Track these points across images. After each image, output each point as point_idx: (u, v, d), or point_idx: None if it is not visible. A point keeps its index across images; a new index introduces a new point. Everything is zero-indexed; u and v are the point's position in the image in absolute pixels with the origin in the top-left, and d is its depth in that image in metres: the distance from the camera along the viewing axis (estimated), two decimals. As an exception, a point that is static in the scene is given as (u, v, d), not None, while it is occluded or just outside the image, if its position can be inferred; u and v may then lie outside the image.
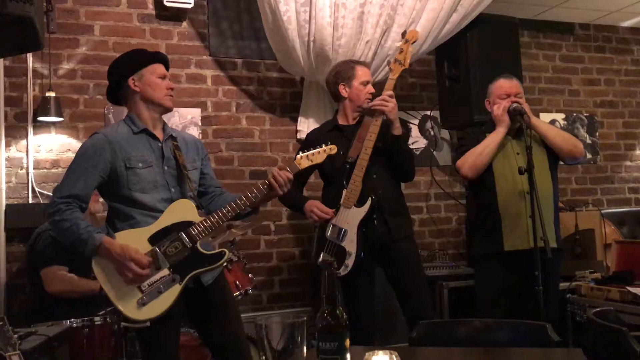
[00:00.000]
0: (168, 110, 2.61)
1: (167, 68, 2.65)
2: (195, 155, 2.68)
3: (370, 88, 3.24)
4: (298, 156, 2.67)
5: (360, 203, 3.06)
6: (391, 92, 3.07)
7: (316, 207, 3.13)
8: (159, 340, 2.43)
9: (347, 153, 3.11)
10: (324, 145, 2.70)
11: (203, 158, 2.73)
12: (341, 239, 3.07)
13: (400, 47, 3.16)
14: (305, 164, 2.65)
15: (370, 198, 3.05)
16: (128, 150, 2.45)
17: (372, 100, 3.16)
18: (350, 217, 3.07)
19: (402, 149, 3.15)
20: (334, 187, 3.17)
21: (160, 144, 2.54)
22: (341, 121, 3.30)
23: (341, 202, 3.09)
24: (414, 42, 3.19)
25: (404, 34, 3.22)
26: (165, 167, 2.52)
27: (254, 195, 2.52)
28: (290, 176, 2.55)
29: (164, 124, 2.63)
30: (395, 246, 3.13)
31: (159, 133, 2.57)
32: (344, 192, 3.08)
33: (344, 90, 3.25)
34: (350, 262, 3.02)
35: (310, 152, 2.67)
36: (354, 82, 3.23)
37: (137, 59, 2.58)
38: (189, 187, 2.54)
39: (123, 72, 2.57)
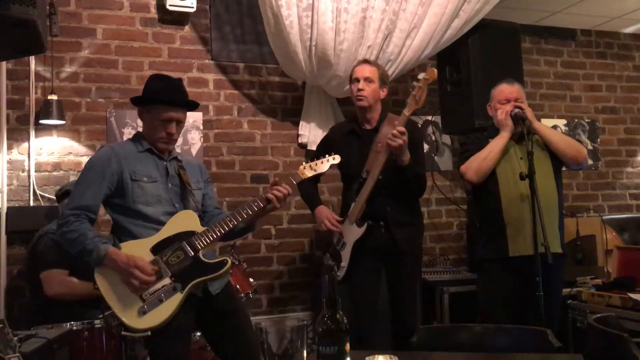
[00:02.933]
0: (162, 150, 2.61)
1: (192, 109, 2.66)
2: (199, 176, 2.73)
3: (361, 84, 3.24)
4: (301, 166, 2.73)
5: (361, 222, 3.17)
6: (402, 129, 3.01)
7: (327, 219, 3.26)
8: (167, 350, 2.42)
9: (364, 160, 3.18)
10: (327, 156, 2.77)
11: (205, 180, 2.77)
12: (341, 249, 3.24)
13: (419, 85, 3.09)
14: (308, 173, 2.71)
15: (367, 223, 3.15)
16: (134, 164, 2.49)
17: (363, 99, 3.24)
18: (351, 233, 3.21)
19: (407, 178, 3.16)
20: (349, 195, 3.27)
21: (165, 163, 2.58)
22: (361, 124, 3.35)
23: (348, 214, 3.22)
24: (433, 81, 3.17)
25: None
26: (169, 185, 2.55)
27: (256, 204, 2.56)
28: (290, 190, 2.60)
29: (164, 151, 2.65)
30: (401, 258, 3.24)
31: (164, 153, 2.61)
32: (352, 205, 3.19)
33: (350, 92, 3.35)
34: (341, 273, 3.20)
35: (313, 162, 2.74)
36: (351, 83, 3.32)
37: (155, 95, 2.55)
38: (192, 203, 2.57)
39: (142, 97, 2.60)
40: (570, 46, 5.76)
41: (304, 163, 2.76)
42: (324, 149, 3.26)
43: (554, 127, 5.47)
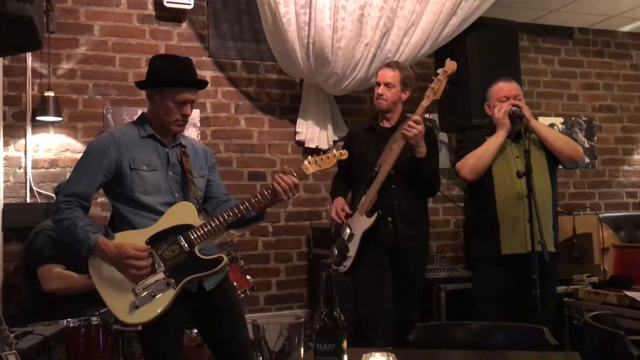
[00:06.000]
0: (176, 133, 2.57)
1: (202, 87, 2.58)
2: (203, 163, 2.65)
3: (381, 89, 3.32)
4: (306, 161, 2.60)
5: (371, 213, 3.20)
6: (418, 118, 3.11)
7: (335, 208, 3.32)
8: (157, 346, 2.40)
9: (379, 156, 3.23)
10: (334, 150, 2.68)
11: (211, 167, 2.70)
12: (348, 240, 3.25)
13: (439, 77, 3.19)
14: (313, 169, 2.59)
15: (377, 212, 3.19)
16: (134, 152, 2.43)
17: (382, 103, 3.32)
18: (360, 224, 3.23)
19: (422, 171, 3.21)
20: (359, 189, 3.30)
21: (167, 150, 2.52)
22: (379, 122, 3.42)
23: (358, 206, 3.25)
24: (451, 73, 3.23)
25: (441, 59, 3.29)
26: (170, 173, 2.50)
27: (256, 200, 2.48)
28: (296, 181, 2.50)
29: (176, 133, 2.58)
30: (403, 254, 3.27)
31: (167, 140, 2.54)
32: (363, 198, 3.22)
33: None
34: (347, 263, 3.24)
35: (319, 156, 2.62)
36: (376, 85, 3.40)
37: (168, 76, 2.47)
38: (192, 193, 2.51)
39: (150, 78, 2.52)
40: (567, 44, 5.77)
41: (309, 157, 2.62)
42: (345, 144, 3.46)
43: (551, 125, 5.48)
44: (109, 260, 2.32)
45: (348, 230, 3.26)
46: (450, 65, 3.21)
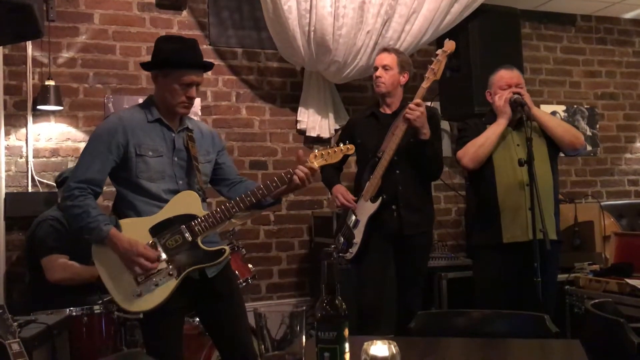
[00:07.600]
0: (182, 115, 2.55)
1: (207, 69, 2.57)
2: (210, 147, 2.63)
3: (379, 72, 3.32)
4: (312, 155, 2.59)
5: (376, 198, 3.20)
6: (419, 101, 3.12)
7: (341, 194, 3.31)
8: (158, 332, 2.42)
9: (381, 143, 3.22)
10: (341, 145, 2.67)
11: (220, 150, 2.69)
12: (354, 227, 3.26)
13: (438, 58, 3.17)
14: (319, 163, 2.58)
15: (381, 197, 3.19)
16: (141, 137, 2.42)
17: (381, 85, 3.32)
18: (364, 209, 3.23)
19: (425, 154, 3.21)
20: (362, 175, 3.31)
21: (173, 135, 2.50)
22: (380, 108, 3.41)
23: (362, 193, 3.25)
24: (450, 53, 3.21)
25: (442, 44, 3.24)
26: (175, 159, 2.48)
27: (274, 184, 2.48)
28: (312, 171, 2.53)
29: (182, 116, 2.56)
30: (407, 241, 3.28)
31: (174, 124, 2.52)
32: (367, 184, 3.22)
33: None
34: (354, 250, 3.25)
35: (325, 150, 2.61)
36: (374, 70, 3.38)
37: (173, 57, 2.44)
38: (197, 180, 2.50)
39: (155, 60, 2.49)
40: (570, 32, 5.74)
41: (315, 151, 2.60)
42: (346, 132, 3.46)
43: (553, 113, 5.46)
44: (118, 253, 2.33)
45: (353, 217, 3.27)
46: (449, 45, 3.19)
